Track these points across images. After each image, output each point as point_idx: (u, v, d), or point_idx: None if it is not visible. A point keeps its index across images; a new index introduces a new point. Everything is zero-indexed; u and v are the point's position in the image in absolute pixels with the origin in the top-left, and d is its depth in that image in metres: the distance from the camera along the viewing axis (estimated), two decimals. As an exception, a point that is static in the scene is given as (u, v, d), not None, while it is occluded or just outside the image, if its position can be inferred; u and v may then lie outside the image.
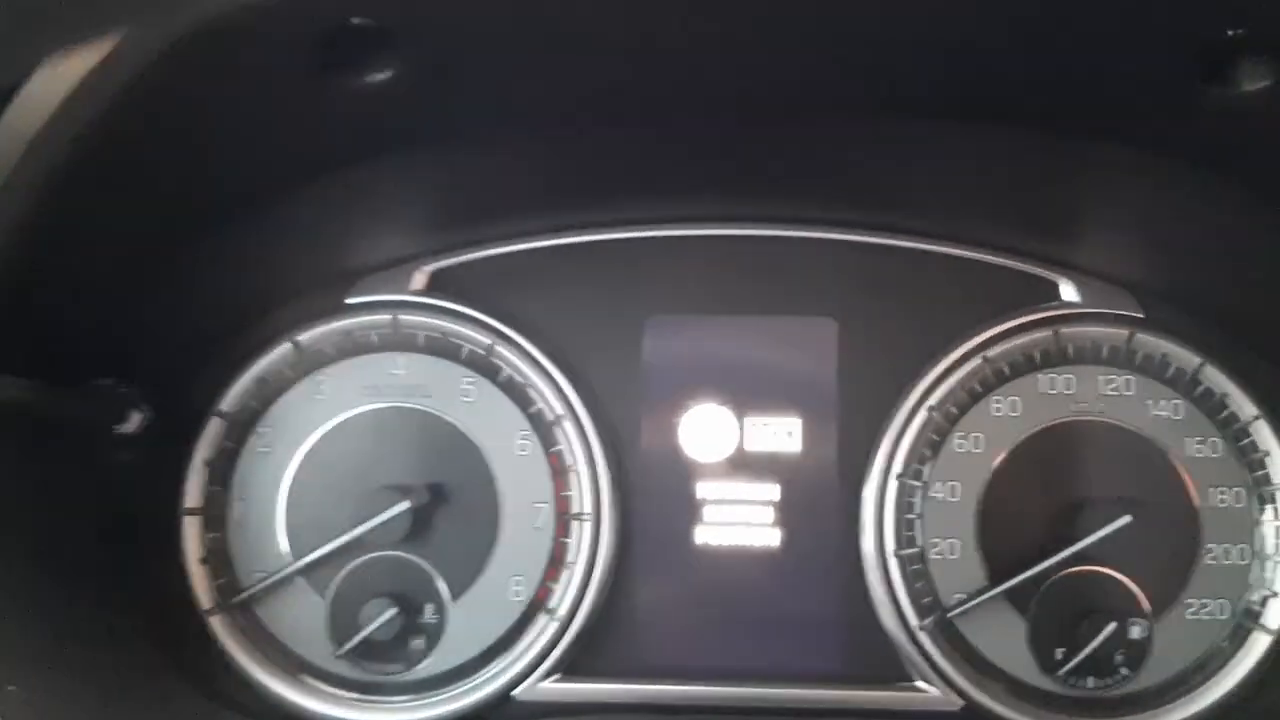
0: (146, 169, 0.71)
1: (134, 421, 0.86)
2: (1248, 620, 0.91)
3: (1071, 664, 0.90)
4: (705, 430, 0.94)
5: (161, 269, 0.83)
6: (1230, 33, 0.61)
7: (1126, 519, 0.89)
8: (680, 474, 0.94)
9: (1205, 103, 0.67)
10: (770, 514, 0.94)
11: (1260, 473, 0.92)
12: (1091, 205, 0.90)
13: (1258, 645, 0.91)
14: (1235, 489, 0.92)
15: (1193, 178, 0.80)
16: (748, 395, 0.95)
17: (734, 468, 0.94)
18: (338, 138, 0.77)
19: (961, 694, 0.90)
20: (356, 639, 0.90)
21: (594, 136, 0.89)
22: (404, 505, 0.90)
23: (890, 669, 0.91)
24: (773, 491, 0.94)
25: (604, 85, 0.78)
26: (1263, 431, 0.92)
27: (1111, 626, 0.89)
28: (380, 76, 0.69)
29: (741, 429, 0.94)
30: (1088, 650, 0.89)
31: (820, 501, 0.94)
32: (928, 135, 0.84)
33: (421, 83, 0.72)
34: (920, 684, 0.91)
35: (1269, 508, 0.92)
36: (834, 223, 0.95)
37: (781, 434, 0.94)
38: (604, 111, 0.84)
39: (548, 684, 0.91)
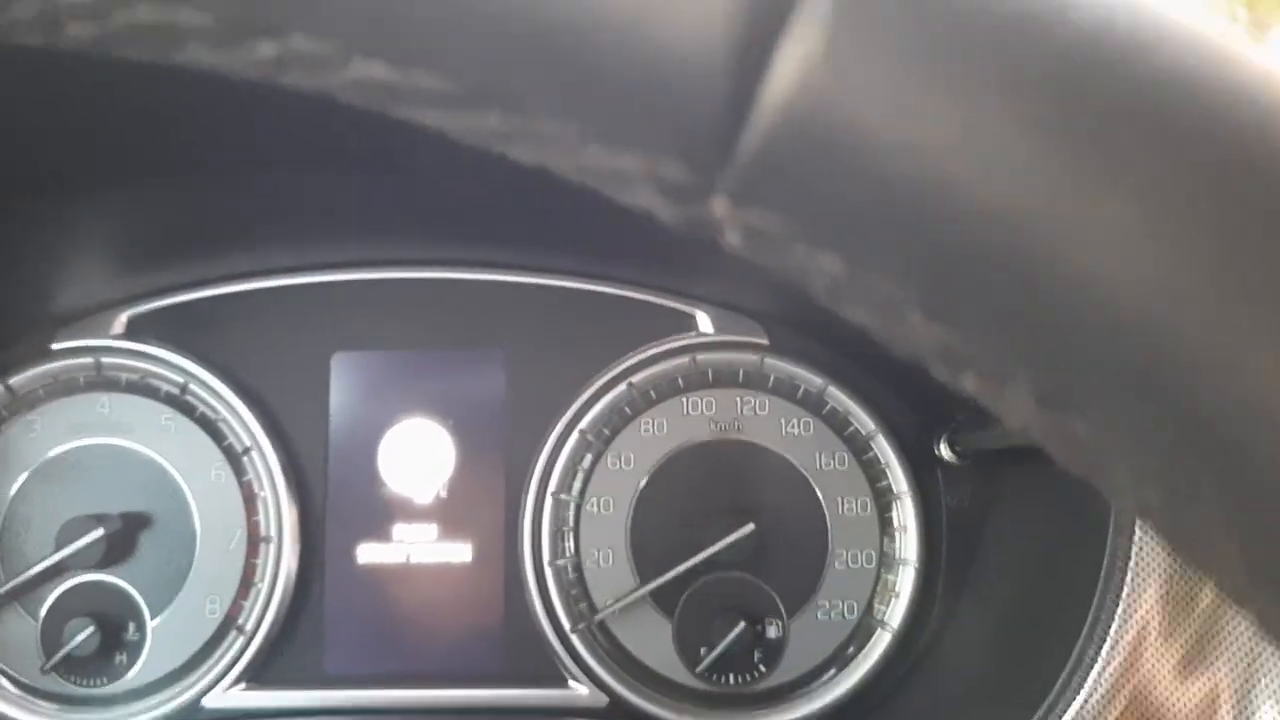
0: None
1: None
2: (873, 620, 1.01)
3: (707, 660, 0.99)
4: (386, 456, 1.04)
5: None
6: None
7: (749, 527, 0.98)
8: (363, 498, 1.03)
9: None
10: (441, 531, 1.03)
11: (882, 483, 1.02)
12: (720, 251, 0.99)
13: (881, 642, 1.00)
14: (860, 498, 1.02)
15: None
16: (424, 422, 1.04)
17: (409, 490, 1.03)
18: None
19: (608, 691, 0.99)
20: (59, 655, 0.99)
21: (278, 188, 0.98)
22: (98, 532, 0.99)
23: (546, 670, 1.00)
24: (445, 510, 1.03)
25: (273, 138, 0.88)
26: (882, 445, 1.01)
27: (741, 625, 0.98)
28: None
29: (418, 454, 1.04)
30: (720, 648, 0.98)
31: (485, 518, 1.03)
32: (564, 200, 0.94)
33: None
34: (572, 683, 1.00)
35: (891, 515, 1.02)
36: (499, 265, 1.04)
37: (454, 457, 1.04)
38: (283, 161, 0.93)
39: (234, 692, 0.99)
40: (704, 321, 1.03)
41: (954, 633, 1.00)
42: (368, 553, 1.03)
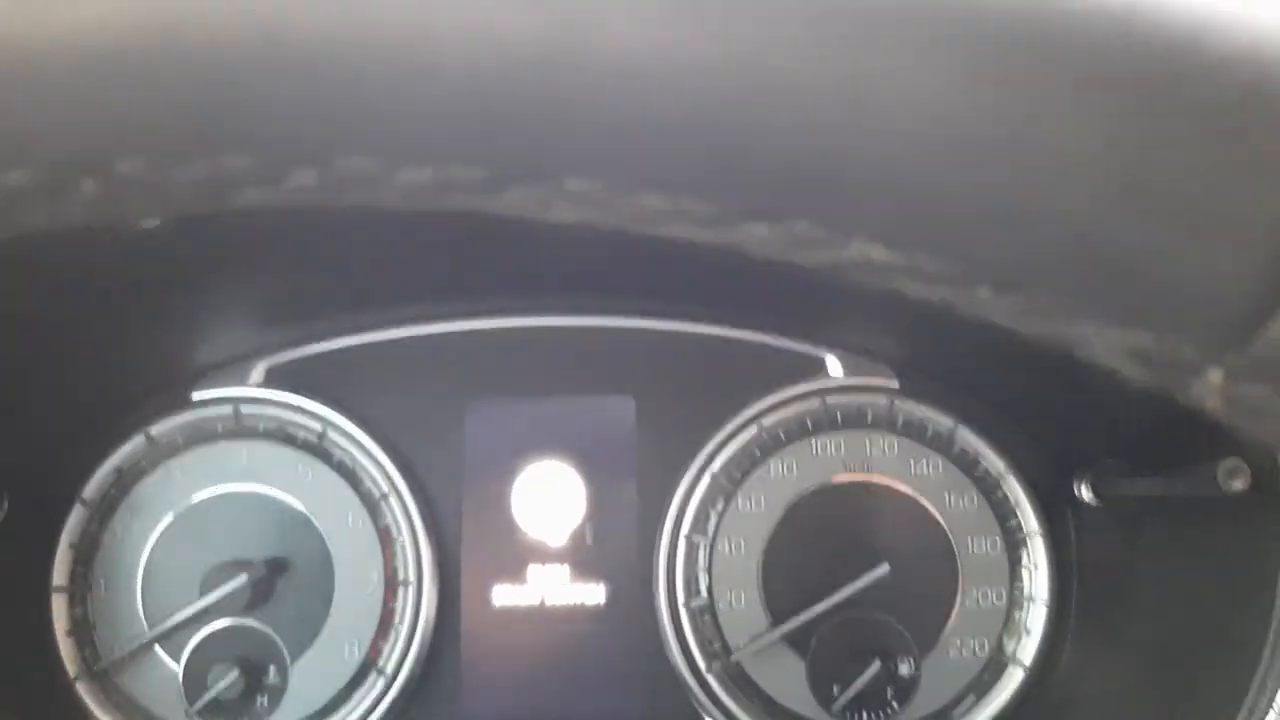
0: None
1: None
2: (1003, 657, 1.02)
3: (843, 699, 1.00)
4: (519, 501, 1.05)
5: (17, 370, 0.94)
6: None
7: (885, 568, 1.00)
8: (497, 542, 1.05)
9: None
10: (575, 573, 1.05)
11: (1012, 522, 1.03)
12: (848, 296, 1.01)
13: (1013, 679, 1.02)
14: (990, 537, 1.03)
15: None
16: (557, 466, 1.06)
17: (544, 535, 1.05)
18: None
19: (746, 730, 1.01)
20: (205, 698, 1.01)
21: (413, 241, 1.00)
22: (242, 578, 1.01)
23: (683, 712, 1.02)
24: (578, 553, 1.05)
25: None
26: (1012, 485, 1.03)
27: (877, 664, 1.00)
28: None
29: (553, 499, 1.05)
30: (857, 686, 1.00)
31: (619, 560, 1.04)
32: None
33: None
34: (709, 722, 1.02)
35: (1022, 553, 1.03)
36: (629, 311, 1.06)
37: (586, 500, 1.05)
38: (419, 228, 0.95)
39: (376, 734, 1.02)
40: (834, 365, 1.04)
41: (1091, 675, 1.01)
42: (503, 595, 1.04)
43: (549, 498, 1.05)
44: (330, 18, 0.25)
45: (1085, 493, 0.98)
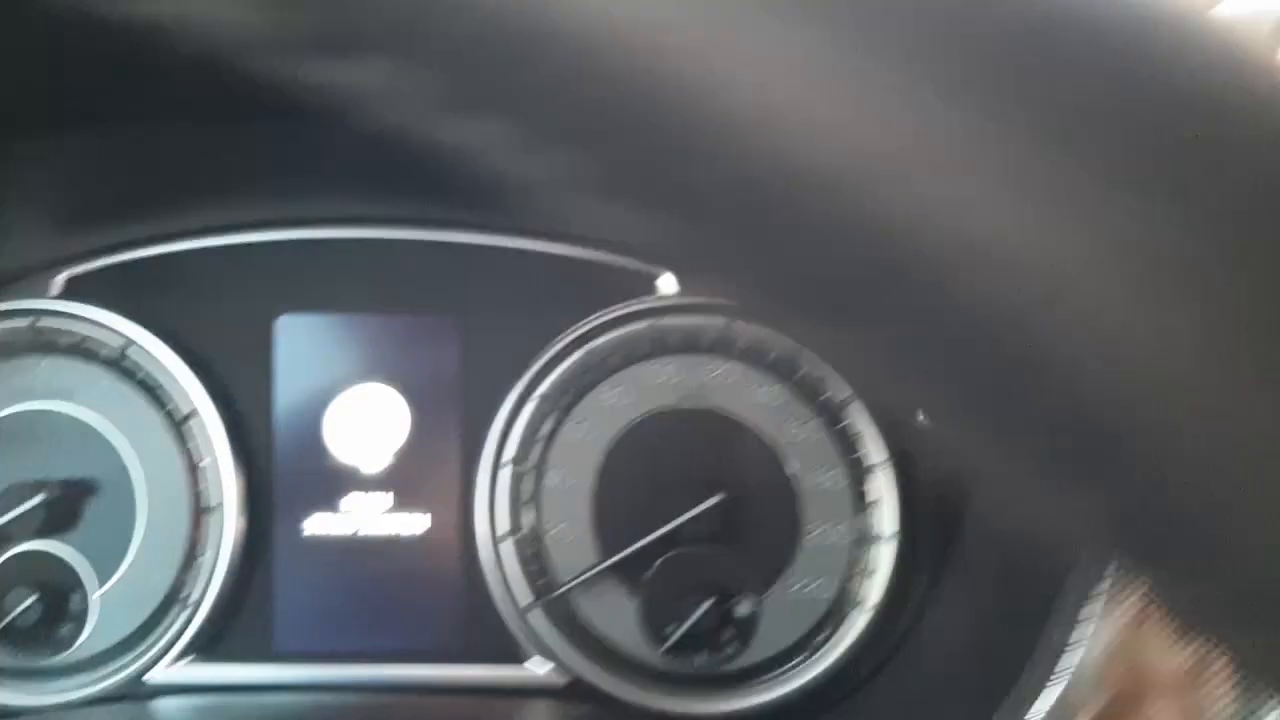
0: None
1: None
2: (849, 598, 0.95)
3: (673, 638, 0.94)
4: (335, 425, 0.99)
5: None
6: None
7: (717, 497, 0.93)
8: (311, 467, 0.98)
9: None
10: (398, 503, 0.98)
11: (857, 454, 0.96)
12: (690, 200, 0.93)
13: (859, 621, 0.95)
14: (834, 470, 0.96)
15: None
16: (374, 389, 0.99)
17: (361, 461, 0.98)
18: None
19: (568, 670, 0.95)
20: (-1, 625, 0.96)
21: (220, 140, 0.93)
22: (37, 499, 0.95)
23: (504, 648, 0.96)
24: (397, 481, 0.98)
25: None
26: (857, 413, 0.95)
27: (710, 601, 0.93)
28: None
29: (371, 424, 0.99)
30: (688, 624, 0.94)
31: (439, 490, 0.98)
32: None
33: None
34: (530, 662, 0.95)
35: (867, 486, 0.96)
36: (452, 224, 0.98)
37: (406, 425, 0.99)
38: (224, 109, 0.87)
39: (179, 666, 0.96)
40: (667, 283, 0.96)
41: (938, 611, 0.95)
42: (316, 524, 0.98)
43: (367, 422, 0.99)
44: None
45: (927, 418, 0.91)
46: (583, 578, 0.94)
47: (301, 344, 0.99)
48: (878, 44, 0.23)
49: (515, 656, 0.96)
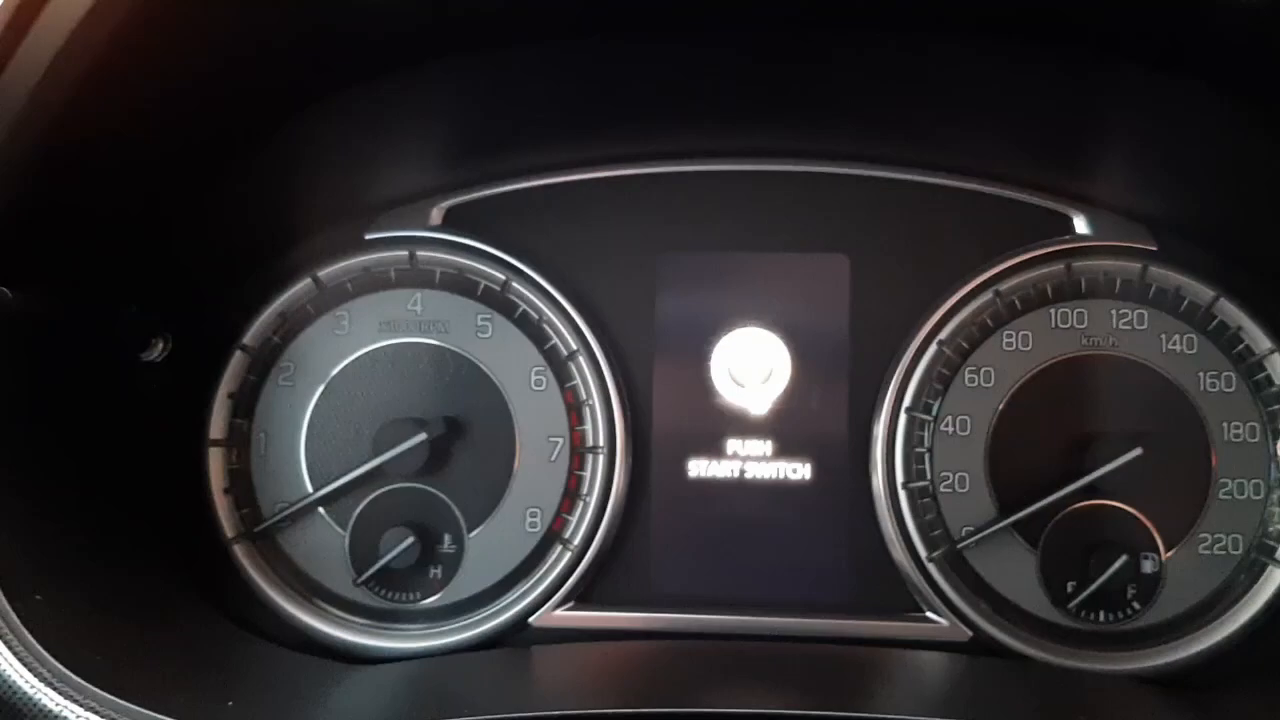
0: (155, 88, 0.72)
1: (157, 350, 0.89)
2: (1262, 555, 0.91)
3: (1081, 596, 0.90)
4: (718, 366, 0.95)
5: (183, 201, 0.85)
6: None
7: (1137, 451, 0.89)
8: (693, 408, 0.95)
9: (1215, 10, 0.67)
10: (782, 448, 0.95)
11: (1275, 407, 0.92)
12: (1105, 135, 0.89)
13: (1272, 579, 0.91)
14: (1249, 424, 0.92)
15: (1207, 103, 0.80)
16: (760, 331, 0.95)
17: (746, 403, 0.95)
18: (340, 57, 0.78)
19: (971, 625, 0.90)
20: (375, 567, 0.92)
21: (607, 65, 0.89)
22: (421, 437, 0.92)
23: (900, 600, 0.92)
24: (785, 426, 0.95)
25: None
26: (1278, 366, 0.91)
27: (1122, 559, 0.89)
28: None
29: (754, 365, 0.95)
30: (1098, 583, 0.90)
31: (831, 436, 0.94)
32: (942, 63, 0.84)
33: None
34: (930, 615, 0.91)
35: (1284, 442, 0.92)
36: (846, 157, 0.95)
37: (794, 370, 0.95)
38: (616, 28, 0.83)
39: (562, 612, 0.92)
40: (1081, 224, 0.93)
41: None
42: (698, 468, 0.95)
43: (751, 364, 0.95)
44: None
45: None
46: (986, 532, 0.90)
47: (683, 282, 0.96)
48: None
49: (911, 610, 0.92)
